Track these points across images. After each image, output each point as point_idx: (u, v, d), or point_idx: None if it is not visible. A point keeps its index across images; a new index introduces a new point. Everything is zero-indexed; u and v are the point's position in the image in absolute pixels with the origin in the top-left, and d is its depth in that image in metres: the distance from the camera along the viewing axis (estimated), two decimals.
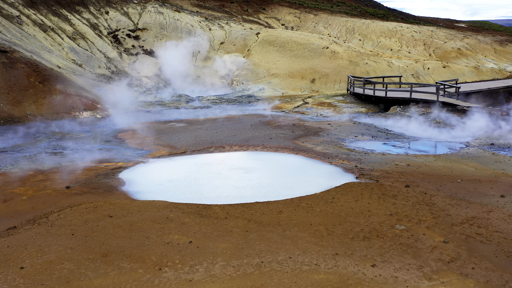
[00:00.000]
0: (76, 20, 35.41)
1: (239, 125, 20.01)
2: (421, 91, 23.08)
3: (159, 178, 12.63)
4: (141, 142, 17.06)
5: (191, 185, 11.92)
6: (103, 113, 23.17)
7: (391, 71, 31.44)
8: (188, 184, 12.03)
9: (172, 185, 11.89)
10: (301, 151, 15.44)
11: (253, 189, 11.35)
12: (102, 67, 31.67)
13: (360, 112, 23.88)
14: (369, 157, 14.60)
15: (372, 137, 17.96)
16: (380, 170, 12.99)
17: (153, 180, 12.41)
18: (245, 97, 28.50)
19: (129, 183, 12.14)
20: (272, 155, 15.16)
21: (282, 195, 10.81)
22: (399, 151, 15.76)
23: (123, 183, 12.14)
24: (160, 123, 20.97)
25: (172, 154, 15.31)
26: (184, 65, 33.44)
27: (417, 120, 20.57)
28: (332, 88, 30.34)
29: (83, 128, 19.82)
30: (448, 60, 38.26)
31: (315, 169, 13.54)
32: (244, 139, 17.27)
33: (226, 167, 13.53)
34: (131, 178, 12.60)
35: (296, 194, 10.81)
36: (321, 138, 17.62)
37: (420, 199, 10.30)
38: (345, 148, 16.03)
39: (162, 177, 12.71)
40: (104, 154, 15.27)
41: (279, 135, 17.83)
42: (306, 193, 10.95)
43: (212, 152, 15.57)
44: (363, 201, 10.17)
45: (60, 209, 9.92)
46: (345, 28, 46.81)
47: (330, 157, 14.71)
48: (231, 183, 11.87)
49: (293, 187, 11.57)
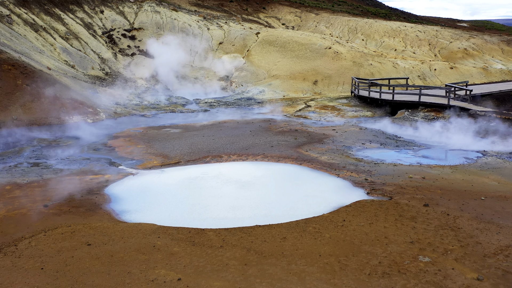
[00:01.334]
0: (70, 20, 34.17)
1: (238, 131, 18.77)
2: (430, 94, 21.85)
3: (148, 194, 11.39)
4: (132, 150, 15.82)
5: (183, 203, 10.68)
6: (95, 117, 21.93)
7: (396, 72, 30.20)
8: (180, 202, 10.79)
9: (162, 203, 10.65)
10: (305, 161, 14.20)
11: (252, 209, 10.10)
12: (95, 68, 30.43)
13: (366, 116, 22.64)
14: (380, 169, 13.37)
15: (381, 144, 16.73)
16: (393, 184, 11.76)
17: (141, 197, 11.16)
18: (245, 100, 27.27)
19: (115, 200, 10.90)
20: (274, 166, 13.92)
21: (286, 216, 9.58)
22: (412, 161, 14.52)
23: (108, 200, 10.90)
24: (154, 128, 19.73)
25: (164, 164, 14.07)
26: (181, 66, 32.21)
27: (427, 125, 19.34)
28: (335, 90, 29.10)
29: (72, 134, 18.58)
30: (454, 60, 37.01)
31: (321, 183, 12.30)
32: (243, 147, 16.04)
33: (223, 181, 12.28)
34: (117, 194, 11.36)
35: (301, 215, 9.58)
36: (326, 146, 16.39)
37: (443, 222, 9.06)
38: (352, 157, 14.80)
39: (151, 193, 11.47)
40: (91, 164, 14.03)
41: (281, 143, 16.60)
42: (313, 213, 9.72)
43: (208, 162, 14.33)
44: (378, 224, 8.93)
45: (32, 234, 8.68)
46: (348, 27, 45.55)
47: (337, 168, 13.47)
48: (228, 202, 10.62)
49: (298, 206, 10.34)
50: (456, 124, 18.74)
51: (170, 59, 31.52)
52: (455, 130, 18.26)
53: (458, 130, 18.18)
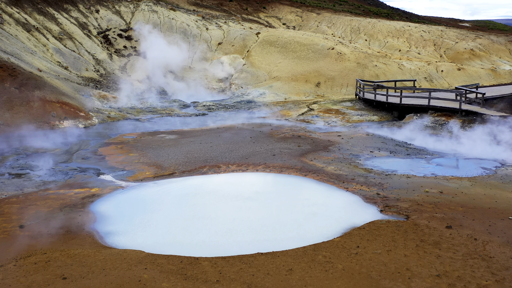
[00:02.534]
0: (64, 19, 33.05)
1: (238, 137, 17.66)
2: (440, 97, 20.75)
3: (137, 212, 10.27)
4: (124, 159, 14.70)
5: (176, 224, 9.56)
6: (87, 122, 20.82)
7: (402, 74, 29.10)
8: (172, 222, 9.68)
9: (152, 224, 9.53)
10: (310, 172, 13.09)
11: (253, 232, 8.97)
12: (90, 70, 29.31)
13: (372, 121, 21.52)
14: (392, 181, 12.26)
15: (391, 152, 15.61)
16: (409, 200, 10.65)
17: (130, 215, 10.05)
18: (245, 103, 26.15)
19: (101, 219, 9.79)
20: (276, 177, 12.80)
21: (292, 240, 8.47)
22: (425, 172, 13.41)
23: (93, 219, 9.79)
24: (149, 134, 18.61)
25: (158, 176, 12.96)
26: (179, 67, 31.12)
27: (438, 131, 18.24)
28: (339, 92, 27.99)
29: (61, 140, 17.47)
30: (460, 61, 35.90)
31: (329, 197, 11.19)
32: (243, 155, 14.94)
33: (220, 198, 11.15)
34: (104, 211, 10.25)
35: (309, 239, 8.47)
36: (332, 154, 15.27)
37: (471, 248, 7.95)
38: (361, 168, 13.68)
39: (141, 211, 10.35)
40: (78, 176, 12.92)
41: (283, 151, 15.49)
42: (322, 236, 8.61)
43: (205, 173, 13.22)
44: (397, 252, 7.82)
45: (1, 264, 7.57)
46: (350, 27, 44.45)
47: (345, 180, 12.36)
48: (226, 223, 9.49)
49: (305, 227, 9.22)
50: (469, 130, 17.64)
51: (167, 60, 30.43)
52: (469, 136, 17.15)
53: (471, 137, 17.07)
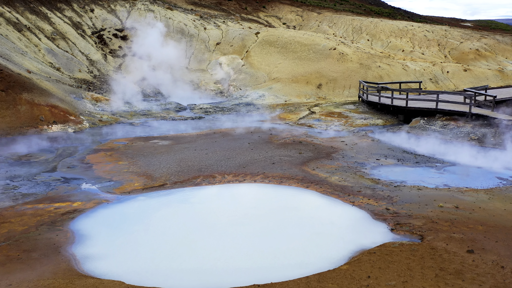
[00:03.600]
0: (57, 19, 32.05)
1: (235, 143, 16.66)
2: (448, 100, 19.75)
3: (121, 232, 9.26)
4: (112, 168, 13.70)
5: (163, 247, 8.55)
6: (77, 126, 19.82)
7: (406, 75, 28.09)
8: (159, 246, 8.66)
9: (136, 248, 8.52)
10: (313, 184, 12.09)
11: (249, 258, 7.95)
12: (83, 71, 28.31)
13: (377, 125, 20.51)
14: (402, 194, 11.25)
15: (398, 160, 14.60)
16: (422, 217, 9.65)
17: (112, 236, 9.04)
18: (243, 106, 25.15)
19: (80, 240, 8.79)
20: (276, 189, 11.80)
21: (292, 267, 7.48)
22: (437, 183, 12.40)
23: (72, 239, 8.79)
24: (141, 139, 17.60)
25: (147, 187, 11.96)
26: (175, 68, 30.10)
27: (447, 136, 17.24)
28: (341, 94, 26.98)
29: (48, 146, 16.48)
30: (466, 62, 34.89)
31: (334, 214, 10.19)
32: (241, 163, 13.93)
33: (213, 215, 10.13)
34: (84, 230, 9.25)
35: (312, 264, 7.48)
36: (336, 162, 14.27)
37: (499, 279, 6.95)
38: (368, 178, 12.67)
39: (126, 230, 9.35)
40: (61, 188, 11.92)
41: (283, 158, 14.48)
42: (327, 262, 7.62)
43: (198, 184, 12.22)
44: (414, 284, 6.81)
45: None
46: (352, 27, 43.43)
47: (351, 193, 11.36)
48: (219, 248, 8.47)
49: (307, 250, 8.21)
50: (480, 136, 16.63)
51: (164, 61, 29.43)
52: (480, 142, 16.14)
53: (482, 143, 16.06)
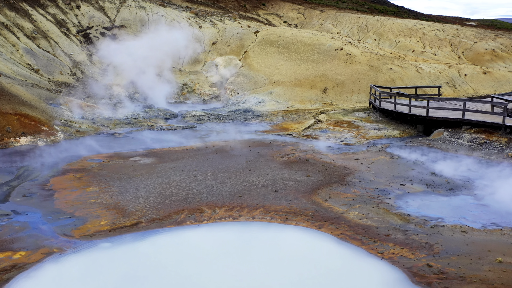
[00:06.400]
0: (39, 16, 29.45)
1: (230, 162, 14.09)
2: (472, 109, 17.23)
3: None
4: (78, 198, 11.11)
5: None
6: (49, 138, 17.23)
7: (421, 78, 25.54)
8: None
9: None
10: (327, 222, 9.53)
11: None
12: (65, 73, 25.72)
13: (393, 137, 17.94)
14: (444, 239, 8.69)
15: (427, 186, 12.03)
16: (479, 281, 7.10)
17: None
18: (241, 113, 22.57)
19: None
20: (280, 232, 9.24)
21: None
22: (483, 221, 9.83)
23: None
24: (120, 156, 15.02)
25: (115, 228, 9.39)
26: (167, 70, 27.52)
27: (478, 153, 14.68)
28: (349, 100, 24.42)
29: (8, 165, 13.90)
30: (482, 63, 32.35)
31: (358, 273, 7.62)
32: (236, 191, 11.37)
33: (196, 279, 7.56)
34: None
35: None
36: (352, 189, 11.70)
37: None
38: (394, 213, 10.11)
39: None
40: (6, 228, 9.34)
41: (288, 184, 11.92)
42: None
43: (181, 223, 9.65)
44: None
45: None
46: (357, 26, 40.86)
47: (377, 237, 8.80)
48: None
49: None
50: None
51: (155, 62, 26.86)
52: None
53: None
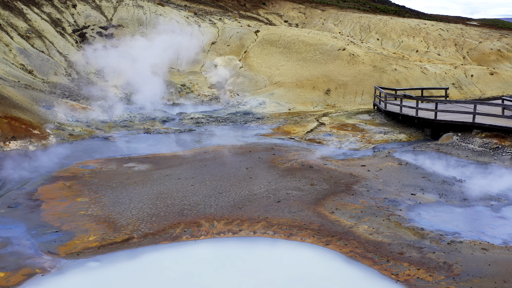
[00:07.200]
0: (34, 15, 28.69)
1: (229, 168, 13.34)
2: (482, 112, 16.51)
3: None
4: (66, 209, 10.37)
5: None
6: (40, 142, 16.47)
7: (426, 79, 24.79)
8: None
9: None
10: (335, 238, 8.79)
11: None
12: (59, 74, 24.97)
13: (399, 141, 17.19)
14: (463, 258, 7.95)
15: (440, 196, 11.28)
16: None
17: None
18: (240, 115, 21.81)
19: None
20: (283, 249, 8.50)
21: None
22: (503, 235, 9.09)
23: None
24: (113, 162, 14.26)
25: (105, 244, 8.64)
26: (165, 71, 26.79)
27: (490, 159, 13.94)
28: (353, 101, 23.68)
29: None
30: (487, 64, 31.60)
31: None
32: (236, 201, 10.63)
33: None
34: None
35: None
36: (360, 199, 10.95)
37: None
38: (407, 227, 9.36)
39: None
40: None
41: (291, 193, 11.17)
42: None
43: (176, 238, 8.90)
44: None
45: None
46: (359, 25, 40.11)
47: (390, 256, 8.06)
48: None
49: None
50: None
51: (153, 62, 26.11)
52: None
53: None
